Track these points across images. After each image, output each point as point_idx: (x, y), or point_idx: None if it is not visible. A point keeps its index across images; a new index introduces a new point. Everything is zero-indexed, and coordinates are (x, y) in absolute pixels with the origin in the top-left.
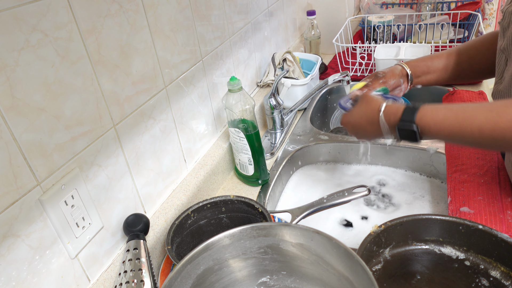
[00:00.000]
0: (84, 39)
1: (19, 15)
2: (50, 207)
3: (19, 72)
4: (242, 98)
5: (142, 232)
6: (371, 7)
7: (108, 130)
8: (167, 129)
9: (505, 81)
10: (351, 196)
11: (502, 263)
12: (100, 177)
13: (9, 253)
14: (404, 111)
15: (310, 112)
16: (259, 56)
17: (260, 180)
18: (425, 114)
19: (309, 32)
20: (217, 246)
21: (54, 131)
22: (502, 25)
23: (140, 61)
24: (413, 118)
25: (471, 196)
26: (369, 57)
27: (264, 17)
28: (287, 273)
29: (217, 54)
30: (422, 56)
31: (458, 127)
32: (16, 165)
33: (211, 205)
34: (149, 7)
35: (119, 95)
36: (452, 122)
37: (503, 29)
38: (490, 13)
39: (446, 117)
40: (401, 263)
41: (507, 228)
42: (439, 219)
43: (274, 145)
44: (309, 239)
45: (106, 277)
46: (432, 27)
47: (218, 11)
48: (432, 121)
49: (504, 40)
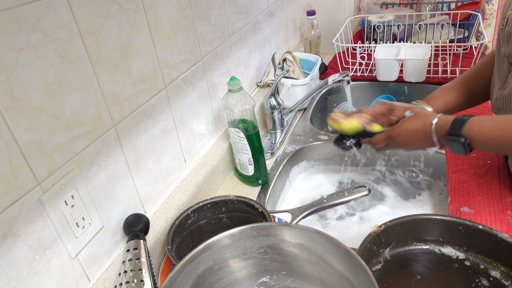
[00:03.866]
0: (84, 39)
1: (19, 15)
2: (50, 207)
3: (19, 72)
4: (242, 98)
5: (142, 232)
6: (371, 7)
7: (108, 130)
8: (167, 129)
9: (510, 86)
10: (351, 196)
11: (502, 263)
12: (100, 177)
13: (9, 253)
14: (452, 124)
15: (310, 112)
16: (259, 56)
17: (260, 180)
18: (472, 126)
19: (309, 32)
20: (217, 246)
21: (54, 131)
22: (506, 31)
23: (140, 61)
24: (460, 132)
25: (471, 196)
26: (369, 57)
27: (264, 17)
28: (287, 273)
29: (217, 54)
30: (422, 56)
31: (505, 138)
32: (16, 165)
33: (211, 205)
34: (149, 7)
35: (119, 95)
36: (498, 133)
37: (507, 35)
38: (490, 13)
39: (492, 129)
40: (401, 263)
41: (507, 228)
42: (439, 219)
43: (274, 145)
44: (309, 239)
45: (106, 277)
46: (432, 27)
47: (218, 11)
48: (479, 133)
49: (508, 46)
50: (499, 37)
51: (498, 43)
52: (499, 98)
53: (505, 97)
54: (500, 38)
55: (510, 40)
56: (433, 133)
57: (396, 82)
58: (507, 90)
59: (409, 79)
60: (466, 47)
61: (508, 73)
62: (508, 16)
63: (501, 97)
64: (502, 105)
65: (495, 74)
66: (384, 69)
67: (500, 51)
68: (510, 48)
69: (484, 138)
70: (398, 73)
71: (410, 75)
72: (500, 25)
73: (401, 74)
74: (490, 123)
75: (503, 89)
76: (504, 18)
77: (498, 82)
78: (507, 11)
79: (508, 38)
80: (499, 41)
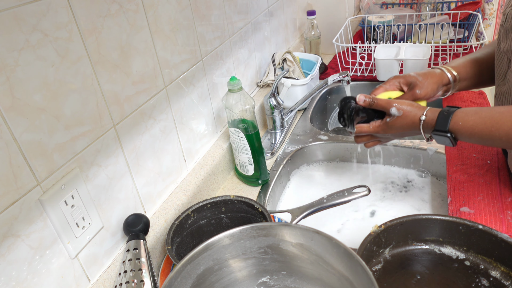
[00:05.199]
0: (84, 39)
1: (19, 15)
2: (50, 207)
3: (19, 72)
4: (242, 98)
5: (142, 232)
6: (371, 7)
7: (108, 130)
8: (167, 129)
9: (509, 83)
10: (351, 196)
11: (502, 263)
12: (100, 177)
13: (9, 253)
14: (437, 120)
15: (310, 112)
16: (259, 56)
17: (260, 180)
18: (457, 121)
19: (309, 32)
20: (217, 246)
21: (54, 131)
22: (505, 27)
23: (140, 61)
24: (446, 127)
25: (471, 196)
26: (369, 57)
27: (264, 17)
28: (287, 273)
29: (217, 54)
30: (422, 56)
31: (487, 133)
32: (16, 165)
33: (211, 205)
34: (149, 7)
35: (119, 95)
36: (481, 127)
37: (506, 31)
38: (490, 13)
39: (476, 124)
40: (401, 263)
41: (507, 228)
42: (439, 219)
43: (274, 145)
44: (309, 239)
45: (106, 277)
46: (432, 27)
47: (218, 11)
48: (463, 128)
49: (507, 42)
50: (499, 33)
51: (498, 39)
52: (498, 95)
53: (504, 94)
54: (500, 34)
55: (509, 36)
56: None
57: None
58: (507, 86)
59: None
60: (466, 47)
61: (508, 69)
62: (507, 12)
63: (501, 94)
64: (502, 101)
65: (495, 70)
66: (384, 69)
67: (500, 47)
68: (508, 44)
69: (468, 133)
70: (398, 73)
71: None
72: (501, 21)
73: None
74: (474, 117)
75: (502, 85)
76: (504, 15)
77: (497, 78)
78: (507, 8)
79: (507, 34)
80: (499, 37)
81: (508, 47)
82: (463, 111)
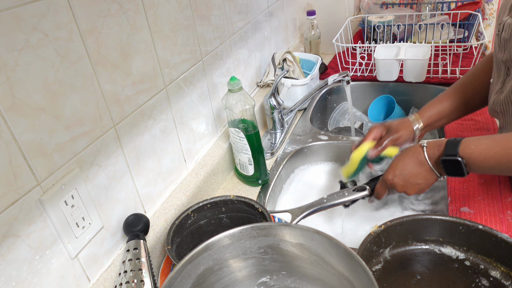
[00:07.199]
0: (84, 39)
1: (19, 15)
2: (50, 207)
3: (19, 72)
4: (242, 98)
5: (142, 232)
6: (371, 7)
7: (108, 130)
8: (167, 129)
9: (507, 91)
10: (351, 196)
11: (502, 263)
12: (100, 177)
13: (9, 253)
14: (446, 144)
15: (310, 112)
16: (259, 56)
17: (260, 180)
18: (468, 145)
19: (309, 32)
20: (217, 246)
21: (54, 131)
22: (503, 37)
23: (140, 61)
24: (456, 151)
25: (471, 196)
26: (369, 57)
27: (264, 17)
28: (287, 273)
29: (217, 54)
30: (422, 56)
31: (505, 155)
32: (16, 165)
33: (211, 205)
34: (149, 7)
35: (119, 95)
36: (497, 150)
37: (504, 41)
38: (490, 13)
39: (490, 147)
40: (401, 263)
41: (507, 228)
42: (439, 219)
43: (274, 145)
44: (309, 239)
45: (106, 277)
46: (432, 27)
47: (218, 11)
48: (476, 152)
49: (506, 52)
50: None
51: (495, 48)
52: (496, 102)
53: (502, 101)
54: (496, 44)
55: (507, 46)
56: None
57: (396, 82)
58: (504, 94)
59: (409, 79)
60: (466, 47)
61: (506, 77)
62: (504, 21)
63: (498, 101)
64: (500, 109)
65: (494, 76)
66: (384, 69)
67: (497, 56)
68: (507, 54)
69: (482, 157)
70: (398, 73)
71: (410, 75)
72: (497, 31)
73: (401, 74)
74: (487, 140)
75: (500, 93)
76: (500, 24)
77: (496, 85)
78: (503, 17)
79: (505, 44)
80: (496, 46)
81: (507, 57)
82: (472, 137)
